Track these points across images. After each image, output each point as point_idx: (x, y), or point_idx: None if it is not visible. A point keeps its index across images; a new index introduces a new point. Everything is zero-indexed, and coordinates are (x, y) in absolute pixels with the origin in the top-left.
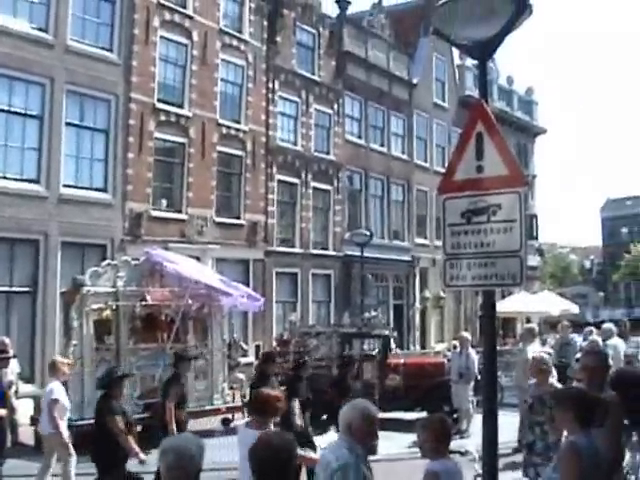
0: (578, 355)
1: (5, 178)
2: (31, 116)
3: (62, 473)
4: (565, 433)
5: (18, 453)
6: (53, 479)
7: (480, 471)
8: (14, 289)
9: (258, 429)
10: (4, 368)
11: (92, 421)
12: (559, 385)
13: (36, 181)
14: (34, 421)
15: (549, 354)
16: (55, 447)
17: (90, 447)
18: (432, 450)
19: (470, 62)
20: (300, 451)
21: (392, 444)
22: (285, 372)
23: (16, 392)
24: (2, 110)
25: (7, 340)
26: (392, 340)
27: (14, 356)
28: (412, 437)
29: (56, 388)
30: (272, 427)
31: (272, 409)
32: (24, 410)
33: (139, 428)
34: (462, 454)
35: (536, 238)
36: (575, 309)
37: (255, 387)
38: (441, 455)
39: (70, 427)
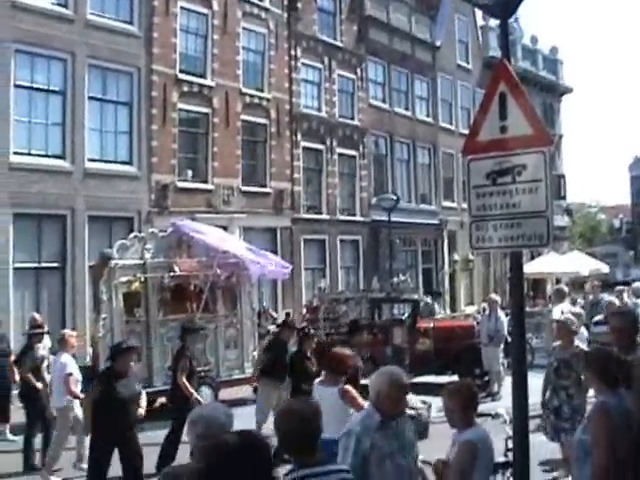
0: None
1: (30, 154)
2: (54, 92)
3: (76, 446)
4: (591, 394)
5: (54, 427)
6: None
7: (511, 433)
8: (43, 265)
9: (333, 386)
10: (38, 343)
11: None
12: (585, 347)
13: (61, 156)
14: None
15: (579, 314)
16: (69, 419)
17: None
18: (461, 419)
19: (493, 22)
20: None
21: None
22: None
23: (48, 366)
24: (25, 87)
25: (38, 316)
26: (436, 305)
27: (47, 332)
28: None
29: (69, 361)
30: (344, 384)
31: (344, 367)
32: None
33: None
34: (493, 417)
35: (564, 198)
36: (605, 268)
37: (267, 352)
38: (470, 422)
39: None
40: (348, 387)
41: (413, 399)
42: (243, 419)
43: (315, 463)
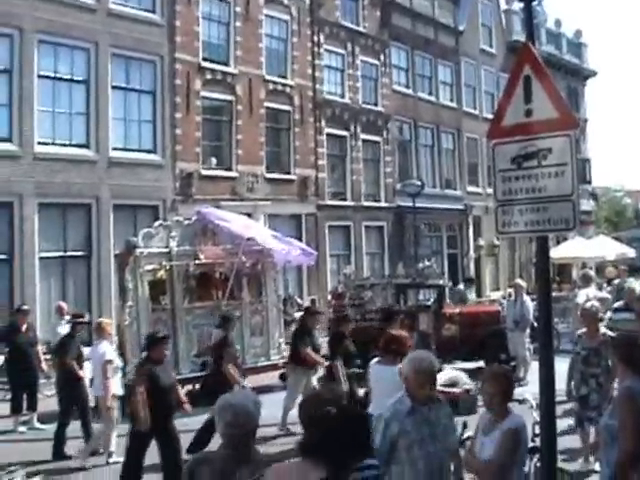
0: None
1: (54, 144)
2: (77, 81)
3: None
4: (617, 381)
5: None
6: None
7: (538, 419)
8: (69, 254)
9: (392, 365)
10: (80, 332)
11: None
12: (611, 333)
13: (85, 146)
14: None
15: (605, 299)
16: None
17: None
18: (500, 404)
19: (517, 6)
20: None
21: None
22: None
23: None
24: (48, 77)
25: (64, 304)
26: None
27: (89, 322)
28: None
29: (107, 349)
30: (400, 364)
31: (403, 347)
32: (84, 373)
33: (197, 386)
34: (520, 402)
35: (589, 182)
36: (631, 253)
37: (294, 340)
38: (508, 408)
39: (126, 386)
40: None
41: (462, 377)
42: (269, 406)
43: None
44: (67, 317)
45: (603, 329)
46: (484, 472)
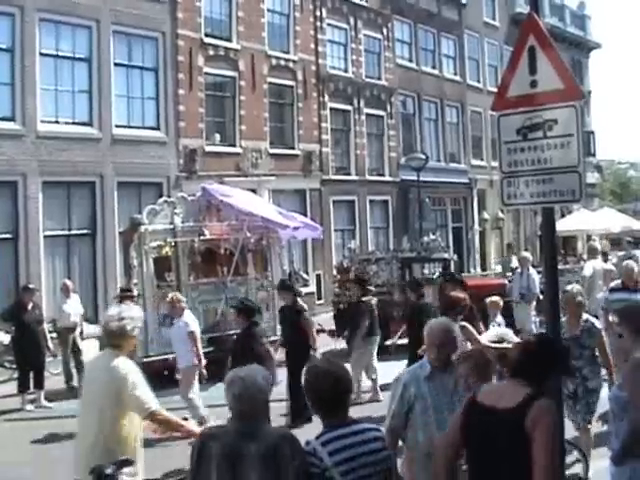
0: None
1: (57, 122)
2: (79, 59)
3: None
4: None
5: None
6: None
7: None
8: (73, 232)
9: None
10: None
11: (156, 358)
12: (593, 319)
13: (88, 123)
14: None
15: (611, 270)
16: (191, 379)
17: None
18: (476, 384)
19: None
20: None
21: None
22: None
23: (81, 333)
24: (50, 55)
25: (69, 282)
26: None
27: (138, 295)
28: None
29: (190, 320)
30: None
31: (461, 306)
32: (89, 351)
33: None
34: None
35: (594, 155)
36: (636, 225)
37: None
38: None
39: (137, 364)
40: (466, 323)
41: (509, 333)
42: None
43: (347, 423)
44: (73, 295)
45: (585, 315)
46: None
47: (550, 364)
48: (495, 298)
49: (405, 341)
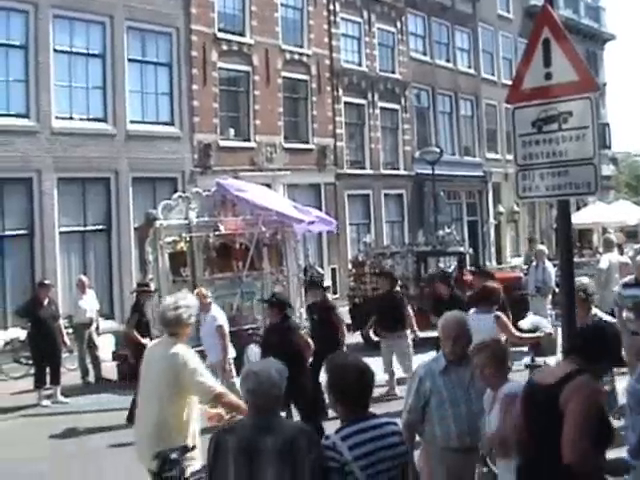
0: None
1: (72, 119)
2: (93, 55)
3: None
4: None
5: (104, 388)
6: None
7: None
8: (89, 228)
9: (487, 313)
10: (147, 301)
11: None
12: (602, 314)
13: (103, 119)
14: (115, 357)
15: (626, 263)
16: (228, 372)
17: None
18: (493, 375)
19: None
20: None
21: None
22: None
23: (97, 329)
24: (64, 51)
25: (84, 277)
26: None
27: (155, 290)
28: None
29: (218, 315)
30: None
31: (496, 297)
32: (105, 346)
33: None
34: (532, 368)
35: (609, 147)
36: None
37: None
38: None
39: None
40: (501, 313)
41: (543, 321)
42: None
43: (366, 417)
44: (89, 290)
45: (594, 310)
46: (491, 444)
47: (601, 348)
48: None
49: (429, 334)
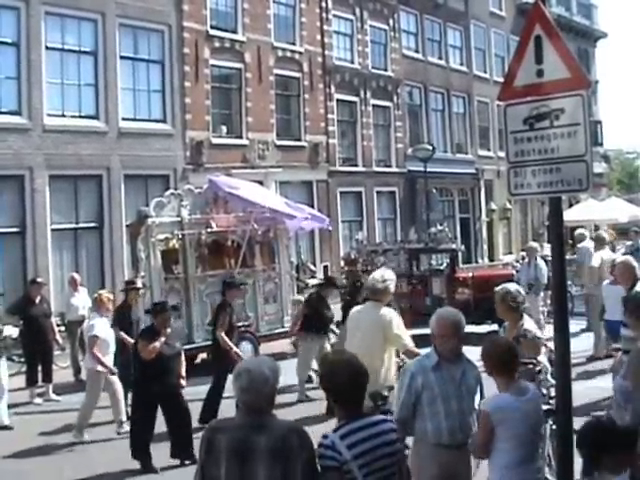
0: None
1: (64, 116)
2: (85, 53)
3: (112, 406)
4: None
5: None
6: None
7: (553, 382)
8: (80, 225)
9: None
10: (136, 299)
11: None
12: (532, 327)
13: (95, 117)
14: None
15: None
16: (98, 382)
17: None
18: (501, 376)
19: None
20: None
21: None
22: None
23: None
24: (56, 48)
25: (77, 276)
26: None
27: (143, 287)
28: None
29: (97, 324)
30: None
31: None
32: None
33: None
34: (535, 365)
35: (601, 144)
36: None
37: (308, 307)
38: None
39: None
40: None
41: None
42: (283, 373)
43: (364, 415)
44: (81, 288)
45: (525, 321)
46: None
47: None
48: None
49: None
